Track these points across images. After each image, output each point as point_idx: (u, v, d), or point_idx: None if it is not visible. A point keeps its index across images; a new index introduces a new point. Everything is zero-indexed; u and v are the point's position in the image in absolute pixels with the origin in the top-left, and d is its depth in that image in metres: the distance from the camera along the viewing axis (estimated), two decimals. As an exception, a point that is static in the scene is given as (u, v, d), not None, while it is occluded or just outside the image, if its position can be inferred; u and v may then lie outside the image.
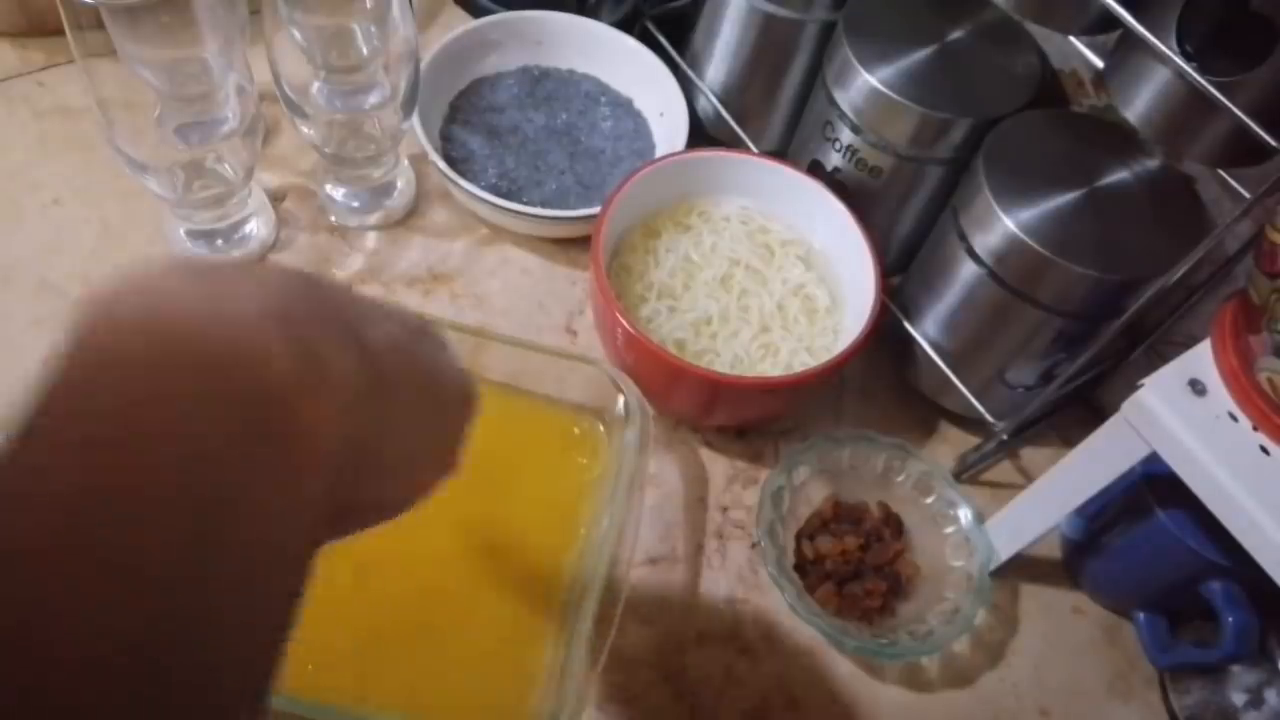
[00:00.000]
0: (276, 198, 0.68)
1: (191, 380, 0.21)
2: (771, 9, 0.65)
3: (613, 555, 0.50)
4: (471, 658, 0.51)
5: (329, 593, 0.53)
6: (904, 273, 0.67)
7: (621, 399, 0.55)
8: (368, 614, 0.51)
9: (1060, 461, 0.52)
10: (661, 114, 0.73)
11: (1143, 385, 0.45)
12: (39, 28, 0.72)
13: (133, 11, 0.49)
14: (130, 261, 0.63)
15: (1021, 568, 0.60)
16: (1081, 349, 0.53)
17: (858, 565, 0.57)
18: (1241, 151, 0.44)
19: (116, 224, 0.65)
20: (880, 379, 0.67)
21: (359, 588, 0.52)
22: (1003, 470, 0.65)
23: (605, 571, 0.49)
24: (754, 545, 0.59)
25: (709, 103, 0.73)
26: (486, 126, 0.71)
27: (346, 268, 0.67)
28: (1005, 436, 0.60)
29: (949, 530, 0.58)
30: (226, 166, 0.61)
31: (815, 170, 0.65)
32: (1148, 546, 0.54)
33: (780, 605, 0.56)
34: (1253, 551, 0.43)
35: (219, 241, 0.64)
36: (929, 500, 0.59)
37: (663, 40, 0.76)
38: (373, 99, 0.61)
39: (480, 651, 0.51)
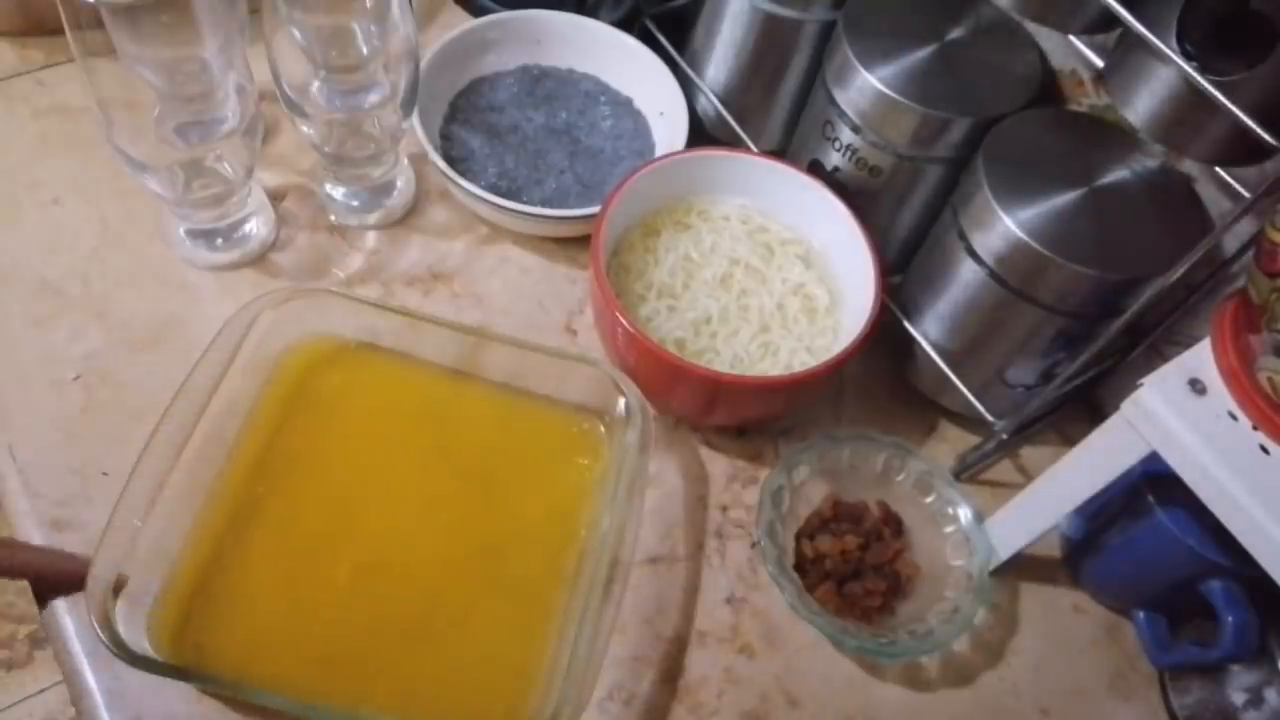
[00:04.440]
0: (276, 197, 0.68)
1: None
2: (771, 8, 0.65)
3: (613, 555, 0.50)
4: (471, 658, 0.51)
5: (329, 593, 0.53)
6: (904, 272, 0.67)
7: (622, 400, 0.55)
8: (368, 614, 0.51)
9: (1060, 461, 0.52)
10: (661, 113, 0.73)
11: (1143, 384, 0.45)
12: (39, 27, 0.72)
13: (133, 11, 0.49)
14: (130, 261, 0.63)
15: (1021, 567, 0.60)
16: (1082, 348, 0.53)
17: (857, 565, 0.57)
18: (1241, 151, 0.44)
19: (116, 223, 0.65)
20: (880, 379, 0.67)
21: (359, 588, 0.52)
22: (1003, 470, 0.65)
23: (605, 571, 0.49)
24: (754, 545, 0.59)
25: (709, 102, 0.73)
26: (486, 126, 0.71)
27: (346, 267, 0.67)
28: (1005, 436, 0.60)
29: (949, 529, 0.58)
30: (226, 166, 0.61)
31: (815, 170, 0.65)
32: (1148, 546, 0.54)
33: (780, 605, 0.56)
34: (1253, 551, 0.43)
35: (219, 241, 0.64)
36: (929, 500, 0.59)
37: (663, 40, 0.76)
38: (372, 98, 0.61)
39: (480, 651, 0.51)
